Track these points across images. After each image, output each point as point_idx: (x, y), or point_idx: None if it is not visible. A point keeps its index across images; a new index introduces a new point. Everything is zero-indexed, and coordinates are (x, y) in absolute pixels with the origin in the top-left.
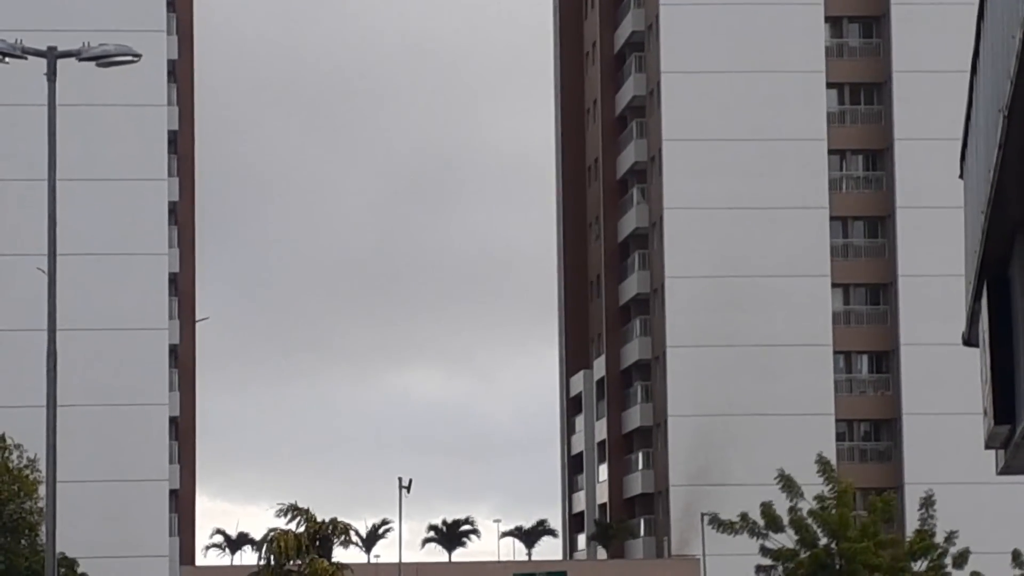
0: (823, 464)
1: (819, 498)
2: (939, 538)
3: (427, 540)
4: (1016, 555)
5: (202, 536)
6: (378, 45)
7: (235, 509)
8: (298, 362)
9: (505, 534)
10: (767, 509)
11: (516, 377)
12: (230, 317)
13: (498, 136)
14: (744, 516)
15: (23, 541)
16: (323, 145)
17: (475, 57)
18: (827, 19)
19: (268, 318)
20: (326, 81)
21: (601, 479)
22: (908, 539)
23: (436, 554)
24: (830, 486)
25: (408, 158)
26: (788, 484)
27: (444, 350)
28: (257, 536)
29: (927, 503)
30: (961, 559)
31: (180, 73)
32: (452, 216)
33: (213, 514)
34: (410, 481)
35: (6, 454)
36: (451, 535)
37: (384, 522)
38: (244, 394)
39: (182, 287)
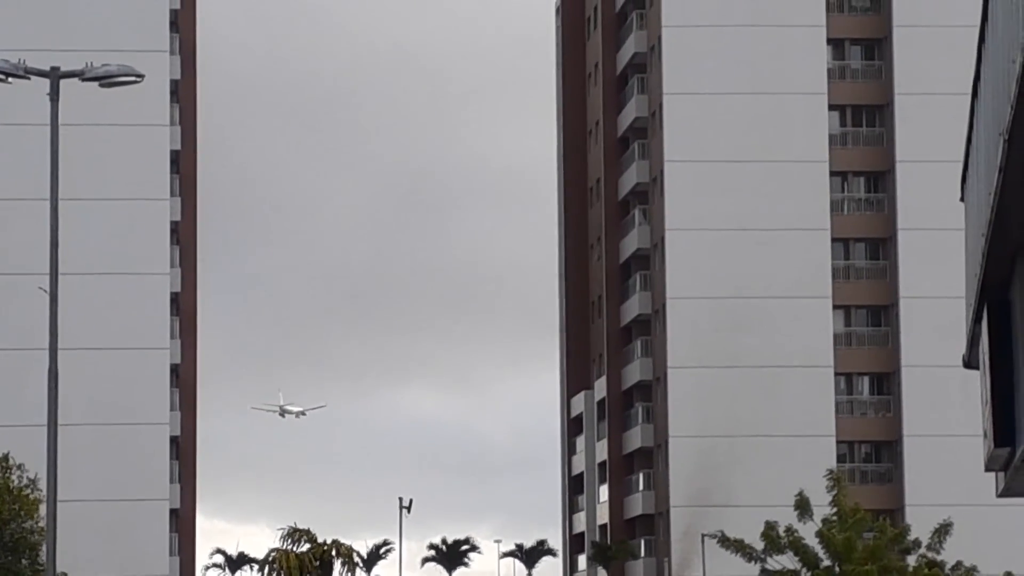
0: (836, 480)
1: (826, 520)
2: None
3: (427, 559)
4: None
5: (201, 555)
6: (381, 66)
7: (233, 528)
8: (298, 381)
9: (505, 554)
10: (767, 531)
11: (516, 397)
12: (231, 336)
13: (500, 156)
14: (742, 544)
15: (24, 561)
16: (325, 165)
17: (478, 78)
18: (829, 41)
19: (269, 338)
20: (328, 101)
21: (602, 500)
22: (913, 564)
23: (436, 574)
24: (834, 509)
25: (410, 178)
26: (803, 506)
27: (444, 370)
28: (257, 556)
29: (942, 530)
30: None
31: (182, 93)
32: (455, 236)
33: (210, 533)
34: (411, 501)
35: (7, 473)
36: (451, 555)
37: (385, 542)
38: (244, 414)
39: (184, 306)
